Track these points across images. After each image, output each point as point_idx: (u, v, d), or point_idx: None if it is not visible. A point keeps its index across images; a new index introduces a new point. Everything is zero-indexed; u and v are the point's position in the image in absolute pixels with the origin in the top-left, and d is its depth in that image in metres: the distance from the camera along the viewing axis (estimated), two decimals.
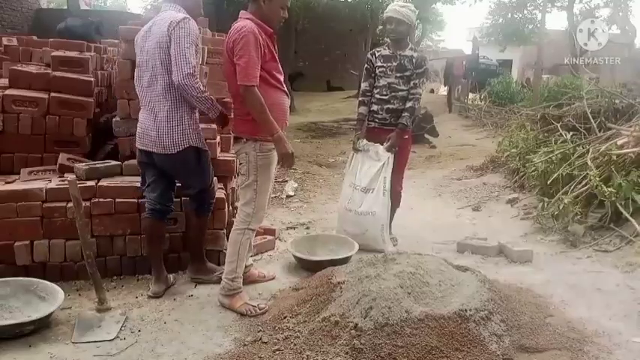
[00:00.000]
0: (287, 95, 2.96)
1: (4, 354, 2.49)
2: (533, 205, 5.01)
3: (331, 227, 4.37)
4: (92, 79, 3.89)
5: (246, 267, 3.15)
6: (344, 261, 3.39)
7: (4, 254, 3.20)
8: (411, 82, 3.92)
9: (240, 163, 2.93)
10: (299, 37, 14.33)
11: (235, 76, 2.74)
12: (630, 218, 3.93)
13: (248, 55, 2.69)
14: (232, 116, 3.08)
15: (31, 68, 3.95)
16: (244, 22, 2.78)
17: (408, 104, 3.91)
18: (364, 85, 4.10)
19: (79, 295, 3.14)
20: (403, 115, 3.91)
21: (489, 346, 2.39)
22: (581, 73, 10.47)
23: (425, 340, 2.34)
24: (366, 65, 4.12)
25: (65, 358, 2.49)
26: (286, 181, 6.16)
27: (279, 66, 2.94)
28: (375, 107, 4.02)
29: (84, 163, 3.54)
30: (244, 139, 2.87)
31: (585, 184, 4.44)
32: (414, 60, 3.91)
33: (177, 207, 3.42)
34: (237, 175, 3.01)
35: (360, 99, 4.12)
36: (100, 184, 3.37)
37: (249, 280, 3.26)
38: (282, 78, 2.93)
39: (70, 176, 3.31)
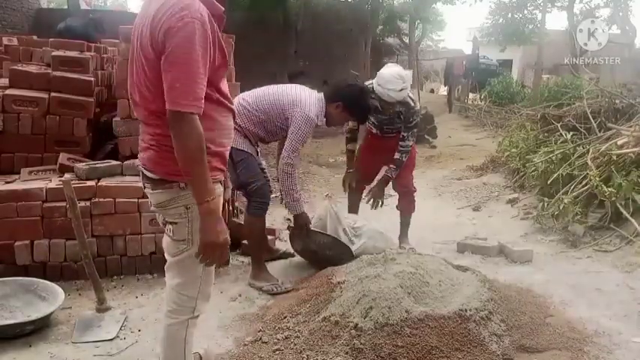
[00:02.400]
0: (233, 114, 1.94)
1: (4, 354, 2.49)
2: (533, 205, 5.02)
3: None
4: (92, 78, 3.89)
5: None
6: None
7: (4, 254, 3.20)
8: (401, 134, 3.73)
9: (172, 222, 1.82)
10: (299, 37, 14.32)
11: (160, 89, 1.65)
12: (630, 218, 3.93)
13: (189, 59, 1.60)
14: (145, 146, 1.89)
15: (32, 68, 3.96)
16: None
17: (396, 155, 3.74)
18: (351, 124, 3.88)
19: (80, 294, 3.14)
20: (390, 166, 3.77)
21: (489, 346, 2.39)
22: (581, 73, 10.46)
23: (425, 340, 2.34)
24: None
25: (65, 357, 2.49)
26: None
27: (227, 69, 1.90)
28: (373, 127, 3.89)
29: (84, 163, 3.54)
30: (179, 184, 1.76)
31: (585, 184, 4.44)
32: (402, 116, 3.69)
33: None
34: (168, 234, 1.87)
35: (348, 136, 3.97)
36: (100, 184, 3.37)
37: None
38: (227, 88, 1.89)
39: (66, 176, 3.32)
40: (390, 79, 3.44)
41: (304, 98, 3.23)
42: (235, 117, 1.97)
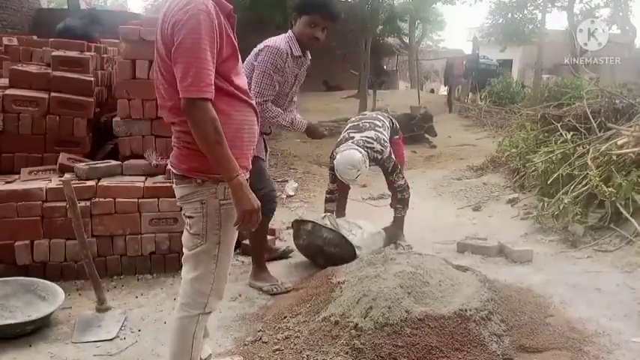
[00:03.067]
0: (254, 110, 1.98)
1: (4, 354, 2.49)
2: (533, 205, 5.01)
3: None
4: (92, 78, 3.89)
5: None
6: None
7: (4, 254, 3.21)
8: (389, 178, 3.87)
9: (189, 217, 1.92)
10: None
11: (174, 87, 1.75)
12: (630, 218, 3.93)
13: (197, 48, 1.68)
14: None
15: (32, 68, 3.96)
16: None
17: (398, 196, 3.87)
18: (332, 186, 3.95)
19: (80, 294, 3.14)
20: (397, 206, 3.91)
21: (489, 346, 2.39)
22: (581, 73, 10.46)
23: (425, 340, 2.34)
24: (331, 172, 3.89)
25: (65, 357, 2.49)
26: (286, 181, 6.16)
27: (241, 65, 1.95)
28: None
29: (84, 163, 3.54)
30: (198, 180, 1.86)
31: (585, 184, 4.44)
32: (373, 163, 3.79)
33: (176, 207, 3.42)
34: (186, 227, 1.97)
35: (327, 196, 3.99)
36: (100, 183, 3.37)
37: None
38: (245, 83, 1.95)
39: (66, 176, 3.32)
40: (345, 170, 3.62)
41: (268, 40, 3.20)
42: (258, 114, 2.02)
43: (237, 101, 1.87)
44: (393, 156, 3.82)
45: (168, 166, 2.02)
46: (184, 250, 1.98)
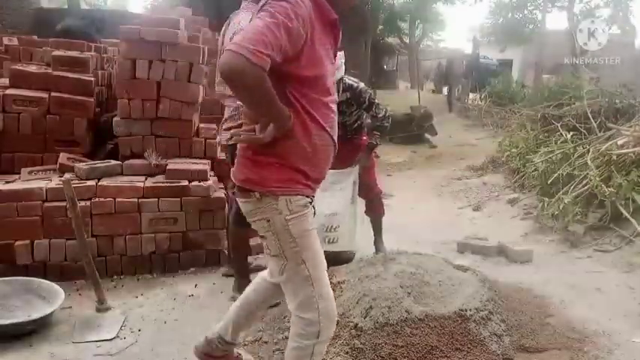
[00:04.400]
0: (332, 139, 1.79)
1: (4, 353, 2.49)
2: (533, 205, 5.02)
3: None
4: (92, 78, 3.89)
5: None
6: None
7: (4, 254, 3.20)
8: (369, 111, 3.50)
9: (262, 237, 1.79)
10: None
11: None
12: (630, 218, 3.93)
13: (269, 22, 1.52)
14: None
15: (32, 68, 3.96)
16: None
17: (377, 122, 3.51)
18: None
19: (80, 294, 3.14)
20: (374, 133, 3.53)
21: (489, 346, 2.39)
22: (582, 73, 10.47)
23: (425, 340, 2.34)
24: None
25: (66, 357, 2.49)
26: None
27: (331, 83, 1.75)
28: None
29: (84, 163, 3.54)
30: (256, 194, 1.70)
31: (585, 184, 4.44)
32: (350, 101, 3.44)
33: (176, 207, 3.42)
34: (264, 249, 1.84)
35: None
36: (100, 183, 3.37)
37: None
38: (333, 107, 1.77)
39: (66, 176, 3.32)
40: None
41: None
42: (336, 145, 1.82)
43: (315, 125, 1.69)
44: (369, 90, 3.54)
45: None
46: (275, 278, 1.83)
